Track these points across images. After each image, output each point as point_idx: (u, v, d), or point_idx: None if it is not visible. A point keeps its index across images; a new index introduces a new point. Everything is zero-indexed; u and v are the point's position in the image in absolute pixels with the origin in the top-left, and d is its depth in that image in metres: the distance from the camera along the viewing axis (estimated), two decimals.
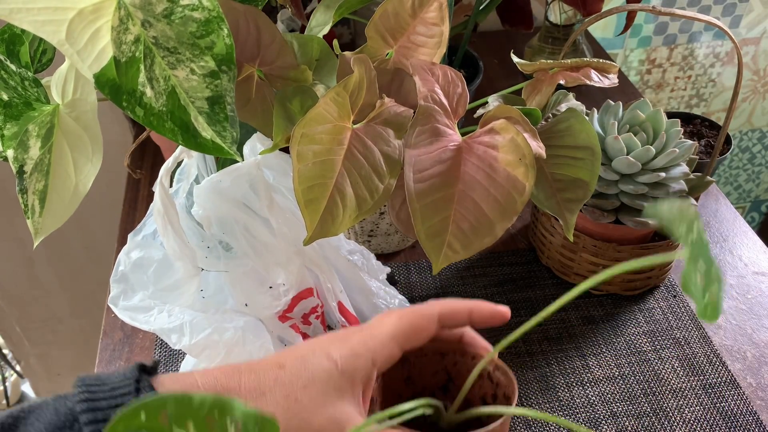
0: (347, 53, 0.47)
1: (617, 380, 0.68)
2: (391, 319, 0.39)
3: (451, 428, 0.42)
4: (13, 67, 0.48)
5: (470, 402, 0.45)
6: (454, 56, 0.86)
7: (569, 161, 0.50)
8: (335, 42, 0.51)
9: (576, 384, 0.68)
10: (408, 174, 0.42)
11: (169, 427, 0.28)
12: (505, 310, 0.41)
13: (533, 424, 0.65)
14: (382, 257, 0.81)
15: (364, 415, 0.38)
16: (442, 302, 0.40)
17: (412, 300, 0.76)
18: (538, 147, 0.44)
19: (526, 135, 0.44)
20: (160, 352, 0.72)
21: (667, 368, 0.69)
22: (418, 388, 0.46)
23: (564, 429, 0.64)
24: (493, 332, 0.58)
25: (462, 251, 0.44)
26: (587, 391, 0.67)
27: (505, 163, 0.43)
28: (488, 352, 0.43)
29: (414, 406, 0.36)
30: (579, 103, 0.58)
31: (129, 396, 0.35)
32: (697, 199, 0.69)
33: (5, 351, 1.52)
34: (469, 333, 0.43)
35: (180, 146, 0.52)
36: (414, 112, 0.46)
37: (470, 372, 0.42)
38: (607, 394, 0.67)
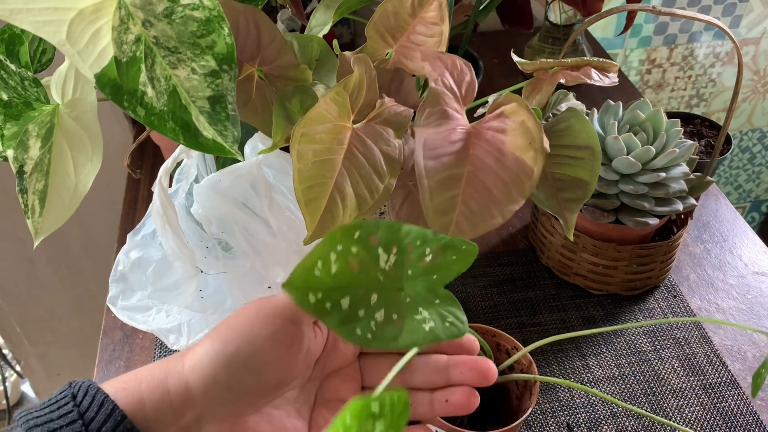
0: (347, 53, 0.47)
1: (617, 380, 0.68)
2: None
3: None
4: (12, 66, 0.48)
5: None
6: None
7: (569, 161, 0.50)
8: (335, 42, 0.51)
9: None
10: (419, 152, 0.42)
11: (375, 248, 0.31)
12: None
13: (533, 423, 0.65)
14: None
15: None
16: None
17: None
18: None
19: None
20: (160, 353, 0.72)
21: (667, 368, 0.69)
22: None
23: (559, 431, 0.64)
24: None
25: (469, 231, 0.43)
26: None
27: (514, 147, 0.43)
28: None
29: None
30: (579, 102, 0.58)
31: (67, 406, 0.34)
32: (697, 199, 0.69)
33: (5, 351, 1.52)
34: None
35: (180, 146, 0.52)
36: (414, 113, 0.46)
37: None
38: (607, 394, 0.67)
